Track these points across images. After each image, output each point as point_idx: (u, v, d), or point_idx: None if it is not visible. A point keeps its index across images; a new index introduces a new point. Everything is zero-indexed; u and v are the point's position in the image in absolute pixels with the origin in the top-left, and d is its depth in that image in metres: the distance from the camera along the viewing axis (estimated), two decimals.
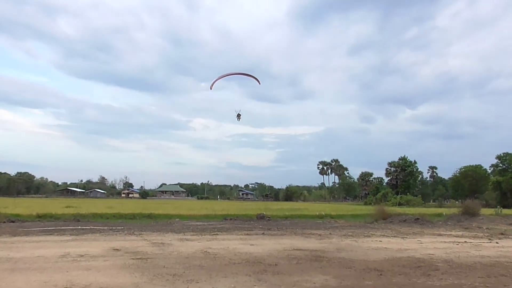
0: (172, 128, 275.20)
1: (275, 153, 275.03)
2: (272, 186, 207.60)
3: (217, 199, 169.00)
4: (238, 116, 31.27)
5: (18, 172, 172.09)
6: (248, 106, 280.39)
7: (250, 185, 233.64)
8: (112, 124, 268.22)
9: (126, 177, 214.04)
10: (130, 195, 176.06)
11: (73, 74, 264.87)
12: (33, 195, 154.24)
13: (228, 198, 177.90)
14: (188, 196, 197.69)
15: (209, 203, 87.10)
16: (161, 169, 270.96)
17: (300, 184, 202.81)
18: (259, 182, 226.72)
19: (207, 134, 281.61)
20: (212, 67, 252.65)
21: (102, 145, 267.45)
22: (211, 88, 31.88)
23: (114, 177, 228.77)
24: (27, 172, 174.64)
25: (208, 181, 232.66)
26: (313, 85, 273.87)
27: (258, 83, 33.55)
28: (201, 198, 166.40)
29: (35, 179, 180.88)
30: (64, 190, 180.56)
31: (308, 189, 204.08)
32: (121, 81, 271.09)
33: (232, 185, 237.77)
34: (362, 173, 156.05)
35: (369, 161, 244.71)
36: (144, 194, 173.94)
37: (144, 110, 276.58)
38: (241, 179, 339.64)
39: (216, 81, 31.17)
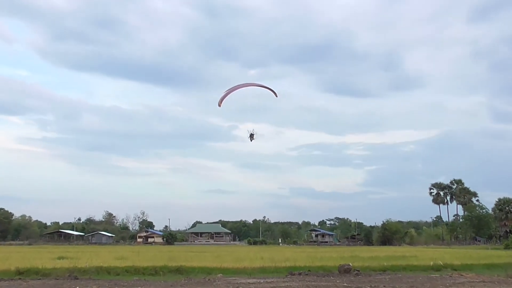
0: (208, 138, 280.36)
1: (363, 172, 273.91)
2: (361, 223, 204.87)
3: (278, 243, 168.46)
4: (251, 136, 39.92)
5: None
6: (320, 103, 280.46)
7: (328, 222, 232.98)
8: (121, 135, 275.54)
9: (144, 213, 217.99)
10: (149, 240, 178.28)
11: (63, 64, 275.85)
12: (11, 242, 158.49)
13: (295, 242, 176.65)
14: (234, 240, 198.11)
15: (266, 250, 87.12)
16: (194, 200, 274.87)
17: (403, 219, 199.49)
18: (340, 217, 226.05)
19: (261, 146, 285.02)
20: (264, 46, 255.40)
21: (108, 166, 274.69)
22: (219, 105, 39.70)
23: (126, 214, 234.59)
24: (1, 208, 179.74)
25: (264, 217, 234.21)
26: (419, 67, 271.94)
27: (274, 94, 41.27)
28: (254, 243, 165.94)
29: (13, 218, 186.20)
30: (55, 234, 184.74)
31: (417, 225, 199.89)
32: (132, 71, 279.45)
33: (300, 222, 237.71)
34: (500, 200, 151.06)
35: (510, 182, 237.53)
36: (170, 237, 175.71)
37: (166, 113, 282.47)
38: (314, 213, 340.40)
39: (226, 97, 38.93)
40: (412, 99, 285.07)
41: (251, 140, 39.91)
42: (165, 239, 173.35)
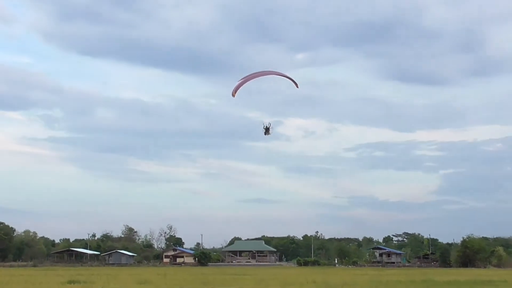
0: (247, 136, 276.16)
1: (438, 177, 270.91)
2: (436, 240, 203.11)
3: (334, 264, 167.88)
4: (267, 130, 43.05)
5: None
6: (383, 93, 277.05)
7: (395, 239, 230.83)
8: (141, 133, 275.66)
9: (171, 227, 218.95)
10: (178, 260, 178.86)
11: (72, 48, 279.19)
12: (13, 263, 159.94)
13: (355, 263, 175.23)
14: (280, 260, 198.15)
15: (319, 273, 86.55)
16: (231, 212, 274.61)
17: (489, 235, 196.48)
18: (410, 232, 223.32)
19: (312, 146, 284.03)
20: (314, 23, 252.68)
21: (127, 171, 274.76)
22: (233, 95, 43.57)
23: (150, 229, 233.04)
24: (1, 223, 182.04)
25: (317, 233, 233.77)
26: (506, 47, 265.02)
27: (296, 86, 43.32)
28: (305, 264, 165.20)
29: (15, 234, 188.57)
30: (64, 253, 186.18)
31: (506, 243, 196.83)
32: (154, 57, 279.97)
33: (360, 238, 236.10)
34: None
35: None
36: (203, 257, 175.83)
37: (196, 106, 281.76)
38: (378, 228, 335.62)
39: (241, 87, 42.46)
40: (498, 86, 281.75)
41: (265, 134, 42.86)
42: (197, 259, 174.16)
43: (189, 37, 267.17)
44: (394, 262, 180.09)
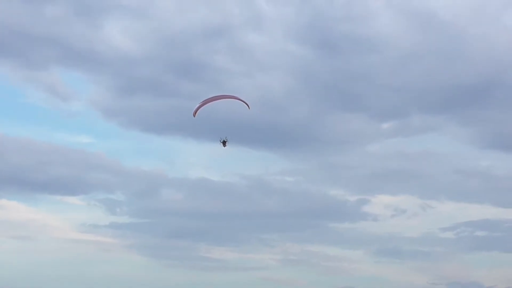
0: (329, 217, 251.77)
1: None
2: None
3: None
4: (224, 143, 74.66)
5: None
6: (483, 164, 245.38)
7: None
8: (211, 215, 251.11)
9: None
10: None
11: (134, 125, 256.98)
12: None
13: None
14: None
15: None
16: None
17: None
18: None
19: (403, 226, 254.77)
20: (402, 88, 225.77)
21: (196, 258, 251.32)
22: (194, 115, 66.55)
23: None
24: None
25: None
26: None
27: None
28: None
29: None
30: None
31: None
32: (223, 132, 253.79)
33: None
34: None
35: None
36: None
37: (271, 185, 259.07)
38: None
39: (201, 108, 64.27)
40: None
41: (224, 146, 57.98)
42: None
43: (261, 107, 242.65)
44: None
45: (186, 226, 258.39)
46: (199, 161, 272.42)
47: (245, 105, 48.79)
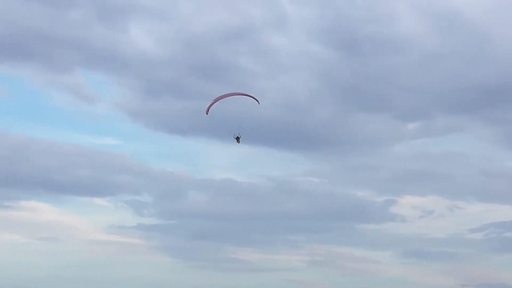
0: (356, 218, 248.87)
1: None
2: None
3: None
4: (237, 139, 78.66)
5: None
6: (511, 164, 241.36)
7: None
8: (237, 216, 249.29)
9: None
10: None
11: (160, 126, 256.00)
12: None
13: None
14: None
15: None
16: None
17: None
18: None
19: (431, 227, 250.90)
20: (424, 90, 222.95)
21: (222, 260, 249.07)
22: (207, 113, 67.08)
23: None
24: None
25: None
26: None
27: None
28: None
29: None
30: None
31: None
32: (248, 132, 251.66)
33: None
34: None
35: None
36: None
37: (296, 186, 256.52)
38: None
39: (212, 105, 63.30)
40: None
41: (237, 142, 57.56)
42: None
43: (284, 109, 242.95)
44: None
45: (212, 227, 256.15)
46: (224, 162, 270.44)
47: (256, 101, 47.32)
